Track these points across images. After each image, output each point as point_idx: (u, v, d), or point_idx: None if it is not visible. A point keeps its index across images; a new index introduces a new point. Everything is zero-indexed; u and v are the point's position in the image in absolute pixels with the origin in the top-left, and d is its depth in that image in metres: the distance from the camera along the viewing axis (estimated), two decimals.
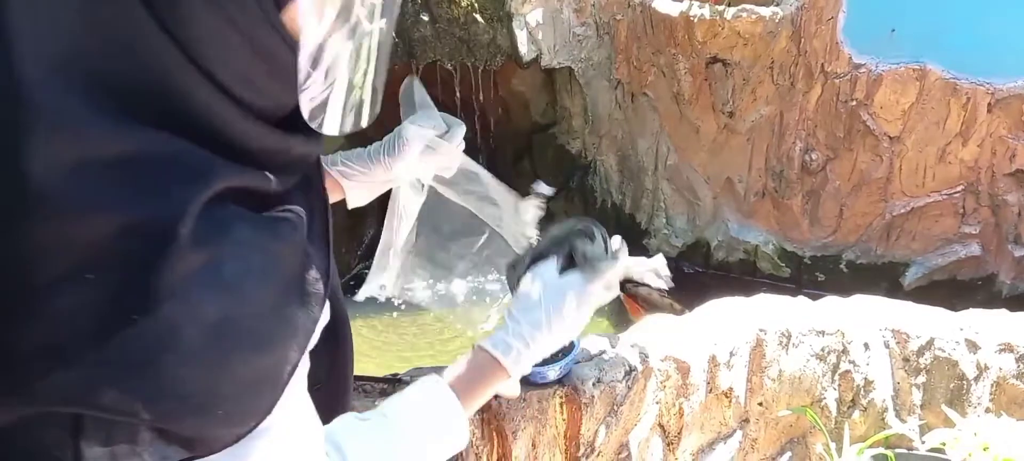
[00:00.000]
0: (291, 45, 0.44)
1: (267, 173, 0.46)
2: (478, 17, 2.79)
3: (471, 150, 3.53)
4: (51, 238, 0.38)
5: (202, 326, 0.40)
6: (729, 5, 2.60)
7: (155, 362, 0.39)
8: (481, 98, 3.13)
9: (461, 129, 1.05)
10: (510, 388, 0.82)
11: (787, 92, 2.77)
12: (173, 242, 0.39)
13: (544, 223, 1.07)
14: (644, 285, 1.08)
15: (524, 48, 2.84)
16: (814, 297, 1.89)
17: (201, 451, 0.43)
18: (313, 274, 0.49)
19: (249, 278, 0.43)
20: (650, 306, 2.80)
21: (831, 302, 1.67)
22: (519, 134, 3.34)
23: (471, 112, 3.21)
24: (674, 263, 3.19)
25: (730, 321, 1.54)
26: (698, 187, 3.07)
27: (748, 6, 2.56)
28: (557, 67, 3.01)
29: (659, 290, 3.03)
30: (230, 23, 0.42)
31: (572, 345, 1.33)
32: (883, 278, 2.86)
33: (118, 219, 0.38)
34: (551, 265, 0.84)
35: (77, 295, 0.38)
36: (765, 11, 2.54)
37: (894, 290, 2.79)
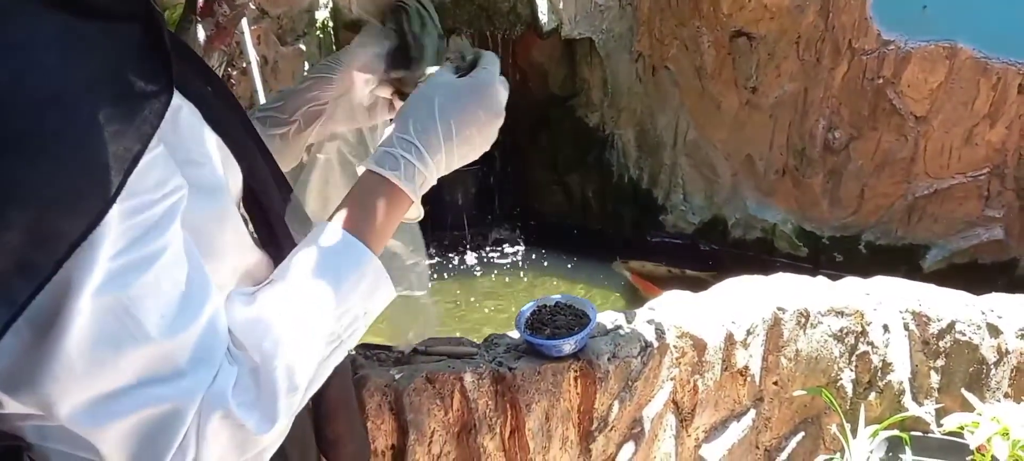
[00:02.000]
0: None
1: None
2: None
3: None
4: None
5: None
6: None
7: None
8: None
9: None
10: (415, 211, 0.68)
11: (812, 68, 2.71)
12: None
13: None
14: (652, 262, 1.05)
15: (545, 17, 2.80)
16: (833, 278, 1.87)
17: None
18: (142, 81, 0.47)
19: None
20: (661, 283, 2.79)
21: (850, 283, 1.65)
22: (537, 106, 3.31)
23: None
24: (691, 240, 3.17)
25: (747, 299, 1.53)
26: (717, 164, 3.03)
27: None
28: (577, 38, 2.97)
29: (668, 269, 3.02)
30: None
31: (589, 319, 1.33)
32: (903, 260, 2.82)
33: None
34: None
35: None
36: None
37: (914, 273, 2.75)
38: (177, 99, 0.50)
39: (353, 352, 1.25)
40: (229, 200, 0.58)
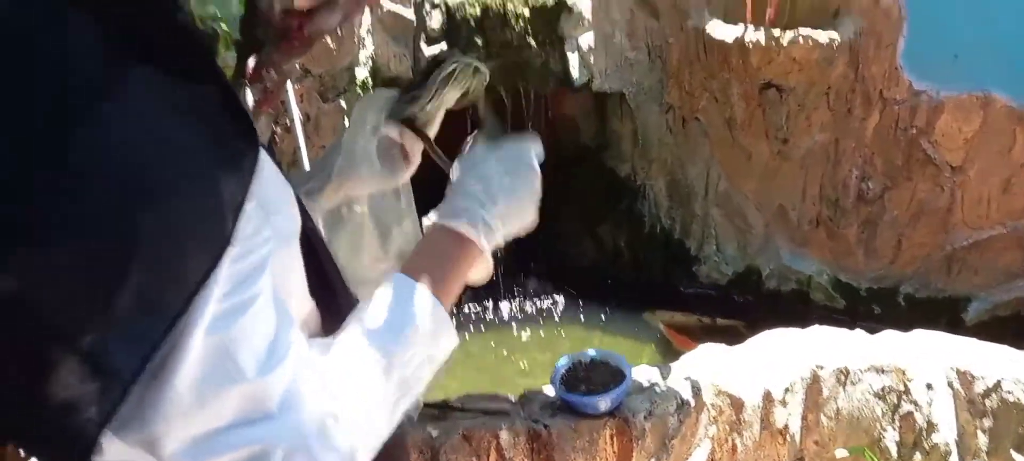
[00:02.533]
0: None
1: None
2: (531, 41, 2.82)
3: None
4: None
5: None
6: (785, 29, 2.56)
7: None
8: (531, 122, 3.15)
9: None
10: (484, 269, 0.70)
11: (843, 118, 2.71)
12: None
13: None
14: (683, 313, 1.07)
15: (576, 72, 2.86)
16: (871, 331, 1.84)
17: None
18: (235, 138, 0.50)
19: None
20: (694, 335, 2.77)
21: (890, 337, 1.63)
22: (568, 157, 3.35)
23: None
24: (724, 292, 3.14)
25: (785, 355, 1.52)
26: (749, 214, 3.02)
27: (804, 30, 2.52)
28: (608, 91, 3.02)
29: (698, 318, 2.99)
30: None
31: (624, 375, 1.33)
32: (943, 313, 2.76)
33: None
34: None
35: None
36: (822, 36, 2.50)
37: (955, 326, 2.69)
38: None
39: None
40: (297, 247, 0.61)
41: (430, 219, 0.70)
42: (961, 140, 2.60)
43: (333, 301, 0.65)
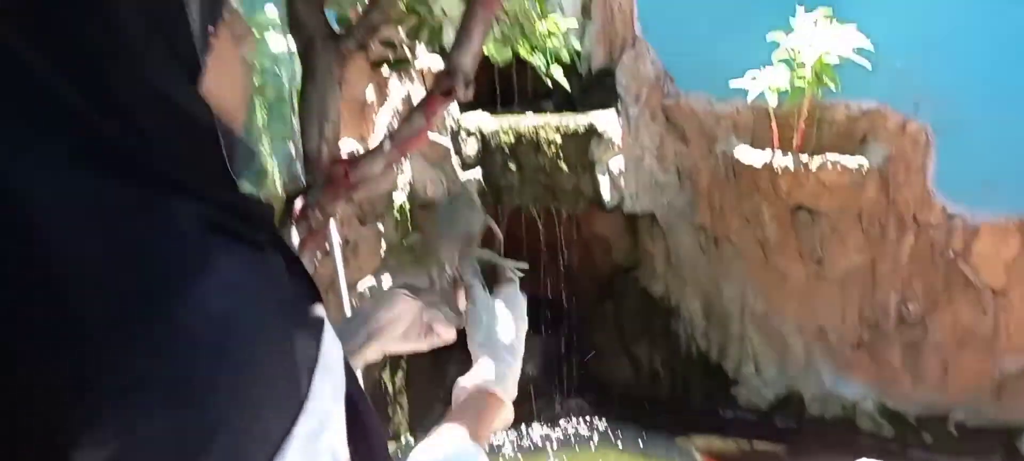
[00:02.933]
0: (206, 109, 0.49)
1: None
2: (562, 165, 2.91)
3: (554, 292, 3.55)
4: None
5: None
6: (812, 154, 2.61)
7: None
8: (564, 241, 3.21)
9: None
10: (508, 416, 0.81)
11: (878, 241, 2.71)
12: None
13: None
14: (721, 438, 1.10)
15: (607, 194, 2.92)
16: None
17: None
18: (310, 303, 0.52)
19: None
20: None
21: None
22: (601, 276, 3.37)
23: (554, 254, 3.28)
24: (765, 416, 3.06)
25: None
26: (788, 336, 2.98)
27: (833, 156, 2.57)
28: (639, 212, 3.07)
29: (738, 444, 2.89)
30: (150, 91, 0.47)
31: None
32: (997, 442, 2.63)
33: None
34: (480, 289, 0.88)
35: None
36: (851, 162, 2.54)
37: (1011, 456, 2.56)
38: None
39: None
40: (342, 406, 0.63)
41: (474, 382, 0.80)
42: (1001, 263, 2.56)
43: (368, 454, 0.68)
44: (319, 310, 0.54)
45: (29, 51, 0.43)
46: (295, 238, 1.35)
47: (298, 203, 1.28)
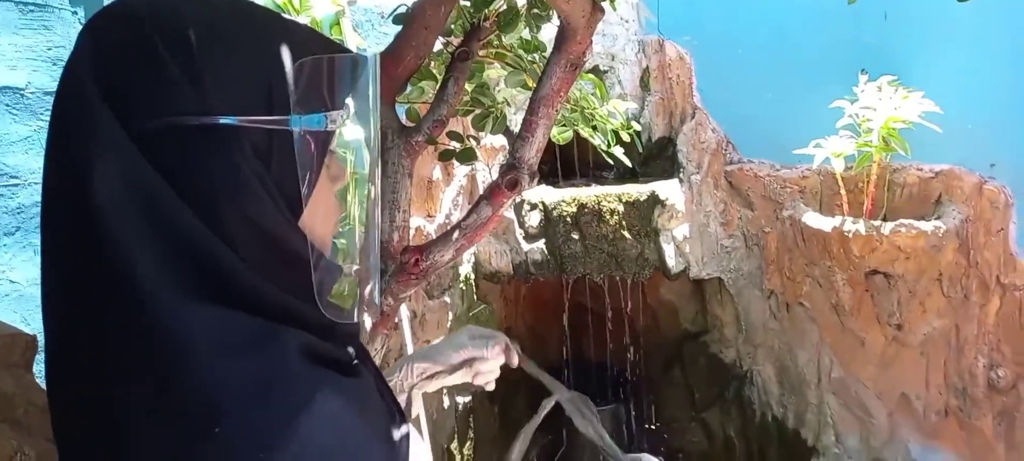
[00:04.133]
0: (304, 242, 0.55)
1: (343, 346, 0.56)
2: (626, 234, 2.93)
3: (620, 358, 3.54)
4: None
5: None
6: (884, 218, 2.55)
7: None
8: (630, 307, 3.20)
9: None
10: None
11: (961, 304, 2.60)
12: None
13: None
14: None
15: (672, 261, 2.91)
16: None
17: None
18: (396, 429, 0.56)
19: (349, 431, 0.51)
20: None
21: None
22: (669, 342, 3.33)
23: (620, 321, 3.27)
24: None
25: None
26: (869, 403, 2.86)
27: (907, 220, 2.50)
28: (706, 277, 3.04)
29: None
30: (260, 228, 0.52)
31: None
32: None
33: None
34: None
35: None
36: (926, 225, 2.47)
37: None
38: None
39: None
40: None
41: None
42: None
43: None
44: (405, 427, 0.59)
45: (163, 184, 0.49)
46: (368, 324, 1.42)
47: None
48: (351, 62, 0.57)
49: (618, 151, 1.59)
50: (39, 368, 1.36)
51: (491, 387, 1.12)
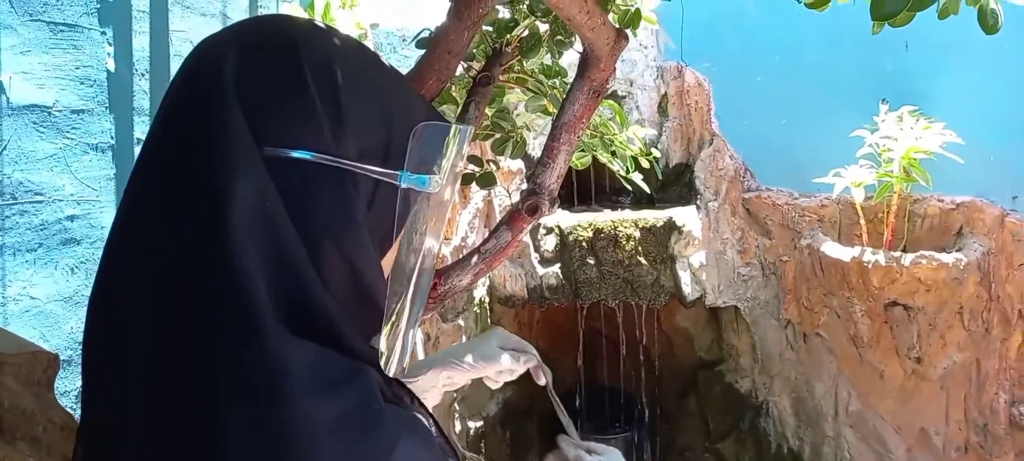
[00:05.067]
0: (384, 287, 0.56)
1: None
2: (642, 260, 2.91)
3: (634, 385, 3.52)
4: None
5: None
6: (905, 249, 2.53)
7: None
8: (644, 334, 3.17)
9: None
10: None
11: (982, 338, 2.56)
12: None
13: None
14: None
15: (688, 288, 2.90)
16: None
17: None
18: None
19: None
20: None
21: None
22: (684, 370, 3.30)
23: (635, 348, 3.25)
24: None
25: None
26: (887, 437, 2.81)
27: (928, 252, 2.47)
28: (722, 305, 3.02)
29: None
30: (354, 267, 0.53)
31: None
32: None
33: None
34: None
35: None
36: (947, 257, 2.44)
37: None
38: None
39: None
40: None
41: None
42: None
43: None
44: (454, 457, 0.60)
45: (284, 213, 0.49)
46: (383, 345, 1.41)
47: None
48: (454, 131, 0.60)
49: (637, 177, 1.58)
50: (60, 385, 1.37)
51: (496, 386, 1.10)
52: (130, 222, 0.51)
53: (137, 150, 1.54)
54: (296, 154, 0.50)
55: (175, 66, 1.62)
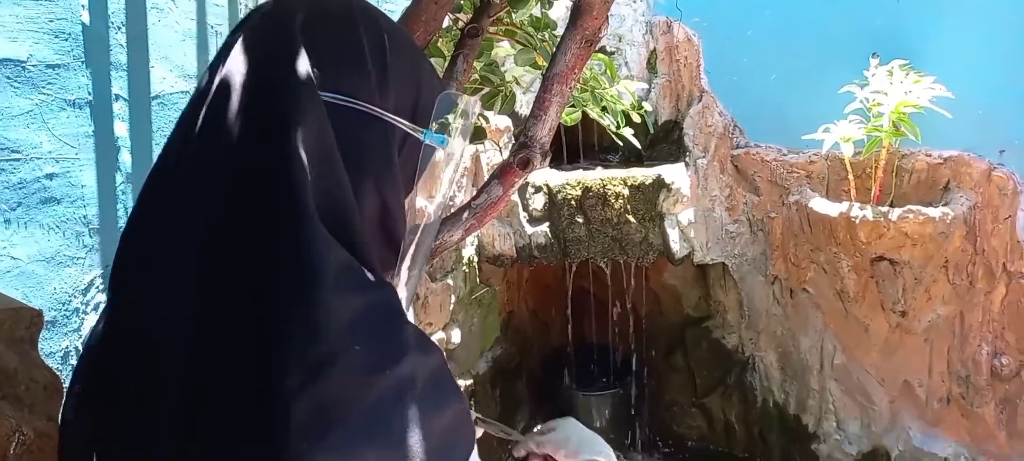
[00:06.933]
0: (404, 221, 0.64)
1: None
2: (630, 218, 2.91)
3: (622, 343, 3.54)
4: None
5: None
6: (892, 204, 2.54)
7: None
8: (633, 292, 3.19)
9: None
10: None
11: (966, 292, 2.59)
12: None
13: None
14: None
15: (676, 246, 2.90)
16: None
17: None
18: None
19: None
20: None
21: None
22: (671, 327, 3.33)
23: (623, 306, 3.27)
24: None
25: None
26: (871, 390, 2.86)
27: (915, 206, 2.49)
28: (710, 262, 3.03)
29: None
30: (385, 206, 0.62)
31: None
32: None
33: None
34: None
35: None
36: (934, 212, 2.46)
37: None
38: None
39: None
40: None
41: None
42: None
43: None
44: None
45: (336, 151, 0.57)
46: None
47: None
48: (465, 102, 0.70)
49: (627, 132, 1.56)
50: (44, 346, 1.35)
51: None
52: (188, 149, 0.58)
53: (116, 106, 1.50)
54: (348, 101, 0.59)
55: (153, 19, 1.57)
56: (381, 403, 0.52)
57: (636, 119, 1.57)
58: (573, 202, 2.89)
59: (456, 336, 2.78)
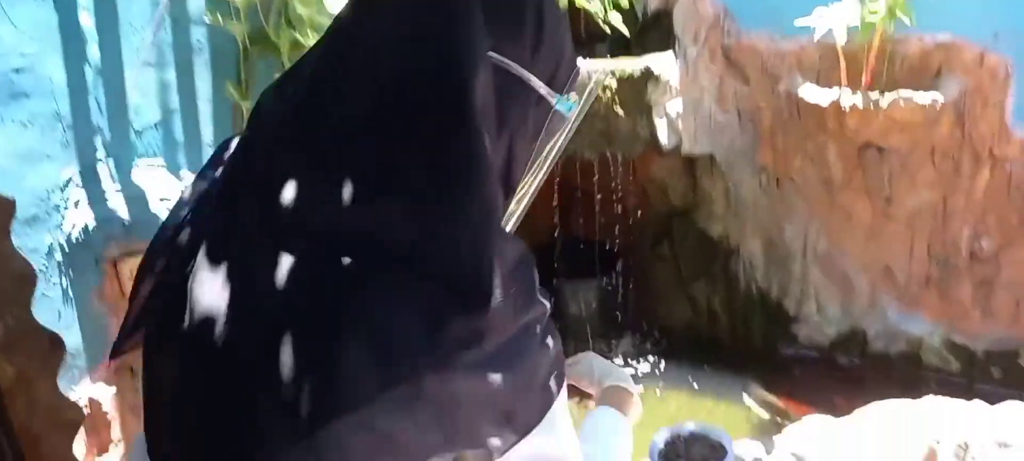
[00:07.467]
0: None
1: None
2: (618, 110, 2.87)
3: (609, 235, 3.59)
4: None
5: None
6: (883, 91, 2.52)
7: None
8: (619, 185, 3.19)
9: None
10: (639, 410, 1.02)
11: (951, 177, 2.61)
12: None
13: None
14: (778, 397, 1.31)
15: (664, 137, 2.88)
16: (990, 398, 1.75)
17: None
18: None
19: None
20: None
21: (1014, 409, 1.55)
22: (658, 218, 3.35)
23: (609, 199, 3.27)
24: (826, 353, 3.04)
25: (897, 430, 1.47)
26: (853, 275, 2.92)
27: (905, 92, 2.47)
28: (698, 154, 3.02)
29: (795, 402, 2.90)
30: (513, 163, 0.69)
31: (725, 451, 1.32)
32: None
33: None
34: None
35: None
36: (924, 97, 2.44)
37: None
38: None
39: None
40: None
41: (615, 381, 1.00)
42: None
43: None
44: None
45: (492, 108, 0.64)
46: None
47: None
48: (593, 80, 0.81)
49: (616, 19, 1.52)
50: (26, 241, 1.34)
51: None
52: (343, 86, 0.63)
53: None
54: (507, 63, 0.65)
55: None
56: (516, 338, 0.60)
57: (624, 4, 1.52)
58: None
59: None
